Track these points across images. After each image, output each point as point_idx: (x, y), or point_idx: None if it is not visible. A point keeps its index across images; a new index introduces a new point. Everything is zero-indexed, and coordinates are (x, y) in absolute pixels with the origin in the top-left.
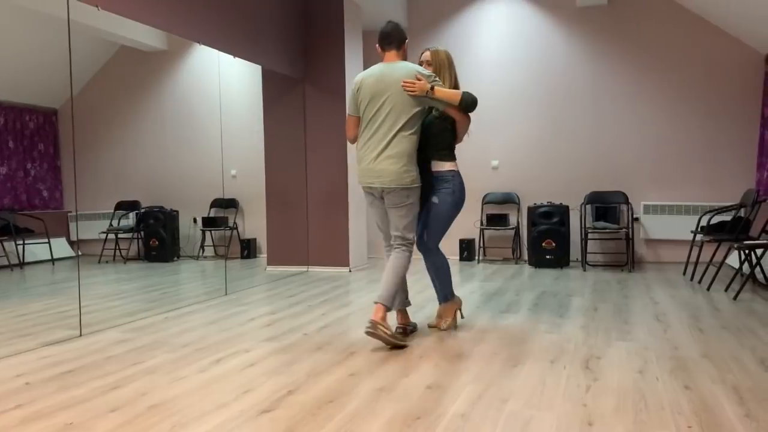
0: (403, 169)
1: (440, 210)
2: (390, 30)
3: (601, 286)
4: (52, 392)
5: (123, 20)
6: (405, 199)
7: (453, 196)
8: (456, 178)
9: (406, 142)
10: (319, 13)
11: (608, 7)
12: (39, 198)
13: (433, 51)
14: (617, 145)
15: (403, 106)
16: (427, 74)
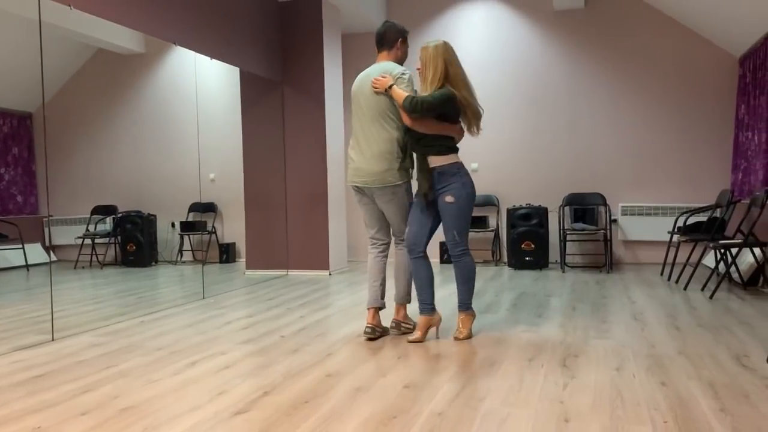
0: (385, 167)
1: (458, 207)
2: (380, 31)
3: (579, 287)
4: (21, 396)
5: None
6: (392, 196)
7: (465, 189)
8: (462, 170)
9: (386, 141)
10: (298, 15)
11: (585, 11)
12: (13, 203)
13: (422, 48)
14: (595, 147)
15: (378, 105)
16: (397, 73)
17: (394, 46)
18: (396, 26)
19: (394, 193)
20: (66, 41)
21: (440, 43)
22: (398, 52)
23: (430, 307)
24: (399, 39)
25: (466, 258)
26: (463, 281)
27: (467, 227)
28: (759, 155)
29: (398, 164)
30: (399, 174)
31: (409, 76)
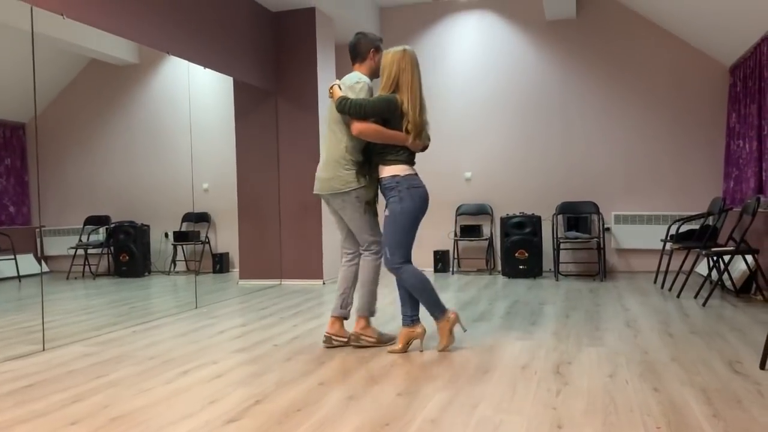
0: (331, 175)
1: (391, 221)
2: (352, 43)
3: (573, 295)
4: (10, 406)
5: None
6: (342, 203)
7: (401, 203)
8: (401, 184)
9: (334, 147)
10: (291, 25)
11: (577, 21)
12: (5, 213)
13: (384, 54)
14: (587, 156)
15: (331, 114)
16: (351, 82)
17: (366, 57)
18: (367, 37)
19: (344, 201)
20: (59, 52)
21: (399, 49)
22: (371, 62)
23: (410, 318)
24: (371, 49)
25: (404, 273)
26: (417, 295)
27: (404, 242)
28: (750, 163)
29: (347, 171)
30: (347, 181)
31: (363, 86)
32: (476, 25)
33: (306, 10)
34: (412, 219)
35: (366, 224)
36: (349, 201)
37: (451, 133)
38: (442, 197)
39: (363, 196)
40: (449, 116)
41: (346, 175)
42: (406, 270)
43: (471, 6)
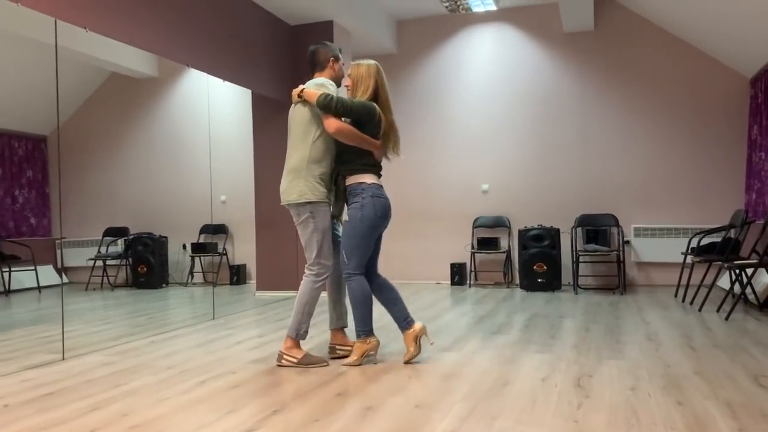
0: (289, 186)
1: (351, 228)
2: (310, 52)
3: (592, 308)
4: (30, 414)
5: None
6: (296, 216)
7: (362, 210)
8: (366, 191)
9: (295, 156)
10: (309, 38)
11: (595, 33)
12: (26, 225)
13: (354, 65)
14: (606, 168)
15: (293, 122)
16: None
17: (326, 65)
18: (326, 46)
19: (299, 214)
20: (80, 65)
21: (373, 63)
22: (331, 71)
23: (364, 331)
24: (330, 58)
25: (352, 282)
26: (352, 306)
27: (359, 250)
28: None
29: (305, 183)
30: (302, 192)
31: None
32: (493, 38)
33: (324, 24)
34: (370, 228)
35: (315, 243)
36: (303, 214)
37: (468, 145)
38: (458, 209)
39: (318, 212)
40: (466, 128)
41: (303, 186)
42: (357, 280)
43: (488, 18)
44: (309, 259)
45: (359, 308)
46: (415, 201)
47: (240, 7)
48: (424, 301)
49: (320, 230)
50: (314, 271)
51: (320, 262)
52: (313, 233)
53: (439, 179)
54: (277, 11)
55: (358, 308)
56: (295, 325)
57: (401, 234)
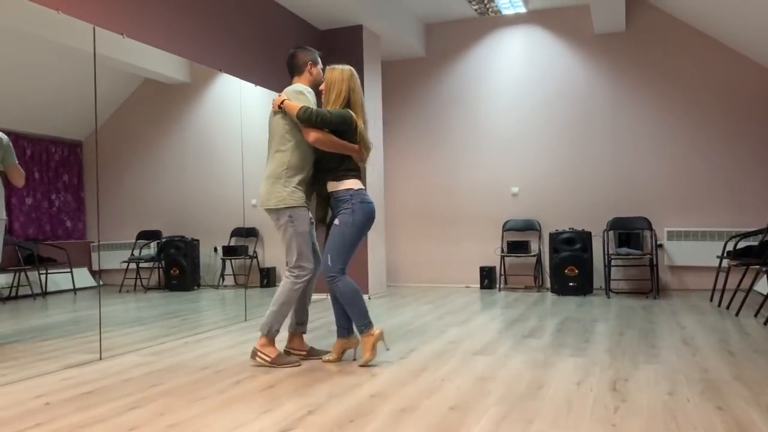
0: (269, 191)
1: (339, 232)
2: (289, 56)
3: (625, 312)
4: (71, 412)
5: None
6: (276, 221)
7: (353, 215)
8: (355, 197)
9: (274, 162)
10: (339, 43)
11: (626, 34)
12: (62, 228)
13: (328, 69)
14: (639, 171)
15: (272, 128)
16: (293, 90)
17: (304, 69)
18: (305, 50)
19: (278, 219)
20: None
21: (347, 68)
22: (309, 75)
23: (346, 330)
24: (308, 62)
25: (339, 283)
26: (346, 306)
27: (346, 254)
28: None
29: (285, 189)
30: (281, 198)
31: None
32: (523, 40)
33: (353, 28)
34: (359, 232)
35: (295, 246)
36: (282, 219)
37: (498, 147)
38: (488, 212)
39: (297, 217)
40: (495, 131)
41: (282, 191)
42: (342, 279)
43: (518, 21)
44: (290, 262)
45: (354, 305)
46: (444, 204)
47: (271, 13)
48: (454, 305)
49: (299, 234)
50: (294, 273)
51: (300, 265)
52: (293, 237)
53: (468, 182)
54: (306, 16)
55: (352, 305)
56: (269, 322)
57: (430, 237)
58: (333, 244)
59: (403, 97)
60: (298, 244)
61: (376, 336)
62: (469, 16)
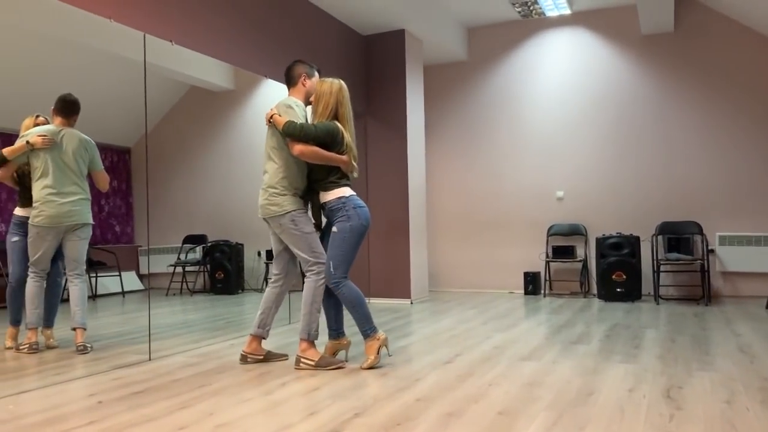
0: (267, 201)
1: (339, 239)
2: (287, 68)
3: (676, 319)
4: (123, 411)
5: (193, 60)
6: (278, 228)
7: (349, 221)
8: (348, 204)
9: (270, 173)
10: (382, 48)
11: (674, 34)
12: (111, 232)
13: (319, 82)
14: (688, 174)
15: (267, 139)
16: (283, 104)
17: (297, 81)
18: (302, 63)
19: (281, 224)
20: (163, 80)
21: (337, 82)
22: (302, 87)
23: (336, 332)
24: (302, 75)
25: (343, 288)
26: (350, 311)
27: (346, 259)
28: None
29: (281, 197)
30: (280, 204)
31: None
32: (567, 42)
33: (396, 33)
34: (359, 236)
35: (306, 246)
36: (286, 224)
37: (542, 151)
38: (532, 217)
39: (299, 219)
40: (539, 134)
41: (279, 199)
42: (346, 285)
43: (562, 23)
44: (306, 261)
45: (358, 309)
46: (487, 209)
47: (315, 19)
48: (499, 310)
49: (306, 233)
50: (314, 270)
51: (318, 261)
52: (300, 238)
53: (512, 186)
54: (349, 22)
55: (356, 310)
56: (306, 326)
57: (473, 242)
58: (334, 251)
59: (445, 102)
60: (308, 242)
61: (381, 341)
62: (512, 19)
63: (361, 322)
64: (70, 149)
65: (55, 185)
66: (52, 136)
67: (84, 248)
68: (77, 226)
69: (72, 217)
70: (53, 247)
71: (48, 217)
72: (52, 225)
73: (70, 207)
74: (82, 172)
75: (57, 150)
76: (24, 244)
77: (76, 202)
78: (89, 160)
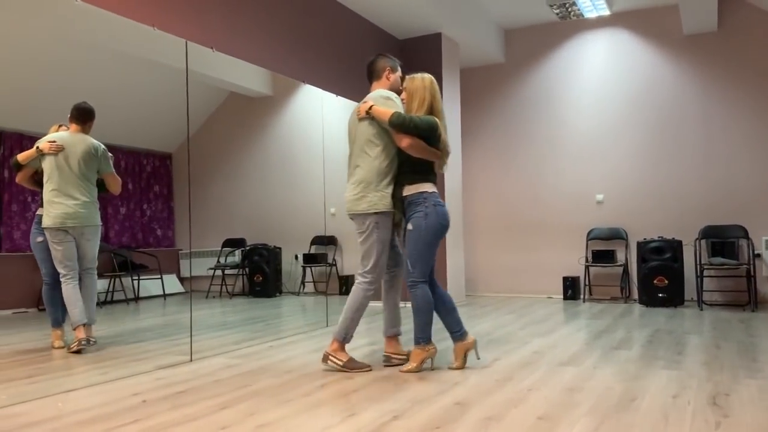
0: (359, 195)
1: (415, 236)
2: (369, 62)
3: (721, 325)
4: (167, 410)
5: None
6: (361, 225)
7: (426, 219)
8: (429, 200)
9: (363, 169)
10: (418, 51)
11: (718, 34)
12: (153, 236)
13: (409, 78)
14: (733, 176)
15: (356, 134)
16: (380, 96)
17: (382, 75)
18: (385, 56)
19: (363, 223)
20: (202, 86)
21: (427, 76)
22: (387, 81)
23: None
24: (386, 68)
25: (417, 290)
26: (414, 313)
27: (423, 259)
28: None
29: (377, 194)
30: (373, 203)
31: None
32: (607, 43)
33: (432, 36)
34: (435, 236)
35: (375, 254)
36: (369, 224)
37: (581, 154)
38: (571, 221)
39: (383, 223)
40: (578, 136)
41: (373, 196)
42: (422, 288)
43: (601, 24)
44: (365, 266)
45: (421, 316)
46: (525, 212)
47: (351, 23)
48: (537, 315)
49: (381, 241)
50: (368, 279)
51: (375, 271)
52: (375, 243)
53: (550, 190)
54: (386, 26)
55: (420, 316)
56: (344, 330)
57: (511, 246)
58: (411, 248)
59: (482, 104)
60: (378, 251)
61: (429, 353)
62: (550, 21)
63: (419, 328)
64: (78, 154)
65: (59, 188)
66: (61, 143)
67: (93, 249)
68: (84, 229)
69: (76, 219)
70: (71, 248)
71: (52, 218)
72: (57, 226)
73: (74, 209)
74: (87, 177)
75: (64, 155)
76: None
77: (80, 205)
78: (98, 165)
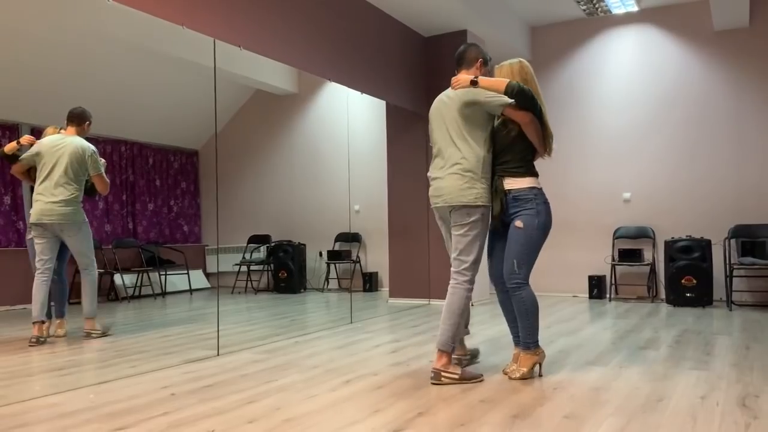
0: (463, 185)
1: (526, 236)
2: (461, 50)
3: (751, 326)
4: (195, 403)
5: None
6: (465, 217)
7: (539, 217)
8: (539, 197)
9: (469, 158)
10: (443, 48)
11: (749, 30)
12: (180, 232)
13: (498, 67)
14: (765, 175)
15: (450, 118)
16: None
17: (473, 65)
18: (478, 47)
19: (468, 215)
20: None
21: (516, 61)
22: (477, 72)
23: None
24: (479, 59)
25: (522, 292)
26: (520, 316)
27: (531, 259)
28: None
29: (482, 186)
30: (478, 195)
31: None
32: (635, 40)
33: (457, 33)
34: (545, 235)
35: (476, 248)
36: (474, 216)
37: (609, 152)
38: (598, 219)
39: (486, 217)
40: (606, 134)
41: (480, 188)
42: (527, 289)
43: (629, 20)
44: (464, 262)
45: (530, 318)
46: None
47: (376, 21)
48: (563, 314)
49: (483, 235)
50: (467, 276)
51: (476, 269)
52: (477, 237)
53: (577, 188)
54: (411, 23)
55: (529, 318)
56: (450, 339)
57: None
58: (519, 247)
59: None
60: (480, 245)
61: (541, 357)
62: (577, 17)
63: (528, 332)
64: (66, 155)
65: (45, 186)
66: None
67: (81, 245)
68: (63, 225)
69: (52, 215)
70: (49, 245)
71: (33, 214)
72: (34, 221)
73: (52, 206)
74: (73, 177)
75: (57, 156)
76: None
77: (57, 203)
78: (87, 165)
